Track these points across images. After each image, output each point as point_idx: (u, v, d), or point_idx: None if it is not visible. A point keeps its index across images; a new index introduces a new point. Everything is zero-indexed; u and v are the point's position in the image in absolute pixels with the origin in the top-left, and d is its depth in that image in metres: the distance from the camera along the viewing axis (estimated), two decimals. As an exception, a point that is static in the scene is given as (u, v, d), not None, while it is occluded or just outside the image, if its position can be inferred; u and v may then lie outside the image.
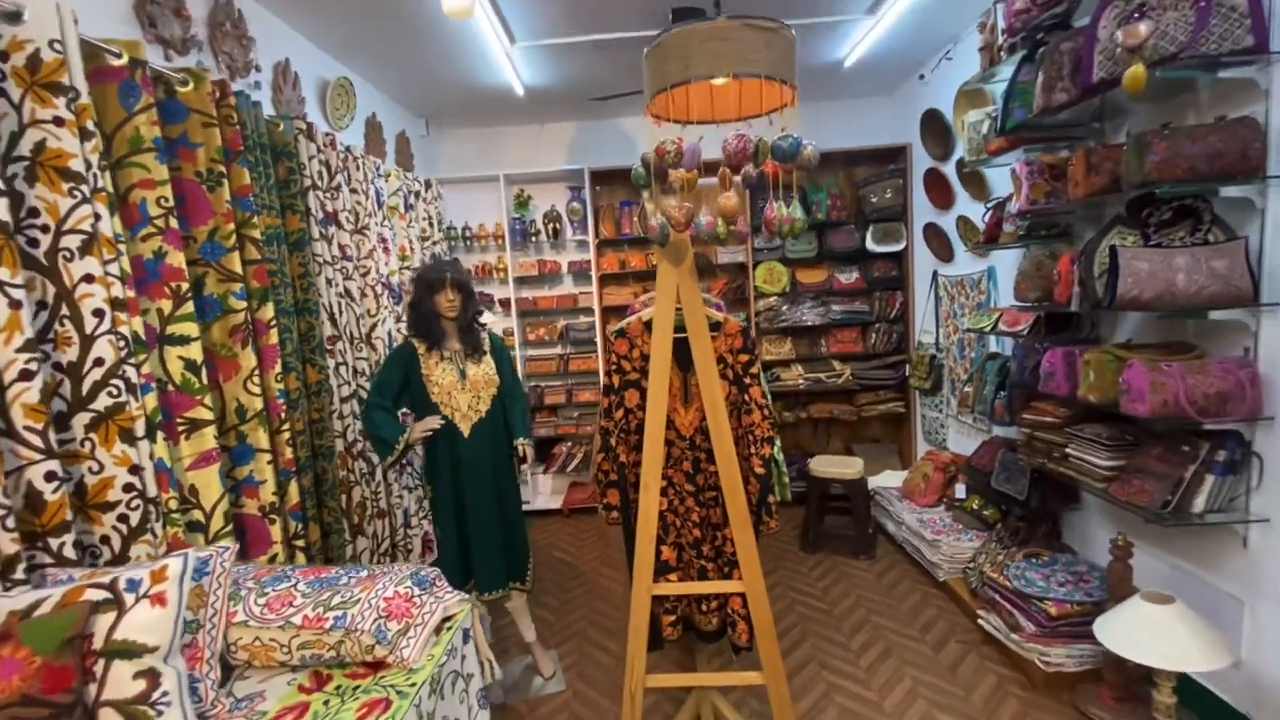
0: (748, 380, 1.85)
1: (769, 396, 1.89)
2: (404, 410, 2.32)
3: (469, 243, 4.25)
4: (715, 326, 1.88)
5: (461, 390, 2.21)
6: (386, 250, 3.13)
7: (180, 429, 1.81)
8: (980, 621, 2.57)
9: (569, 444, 4.32)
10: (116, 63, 1.69)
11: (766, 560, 3.48)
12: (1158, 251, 1.76)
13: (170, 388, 1.79)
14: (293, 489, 2.16)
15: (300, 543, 2.20)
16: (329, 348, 2.53)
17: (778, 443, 1.90)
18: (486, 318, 3.21)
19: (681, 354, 1.84)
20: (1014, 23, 2.21)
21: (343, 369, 2.62)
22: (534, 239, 4.24)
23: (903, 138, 3.98)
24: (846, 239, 4.16)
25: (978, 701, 2.23)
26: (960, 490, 3.37)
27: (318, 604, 1.37)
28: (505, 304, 4.26)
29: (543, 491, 4.47)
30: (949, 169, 3.42)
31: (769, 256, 4.20)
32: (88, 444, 1.49)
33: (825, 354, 4.26)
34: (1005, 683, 2.32)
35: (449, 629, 1.48)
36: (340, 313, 2.65)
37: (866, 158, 4.21)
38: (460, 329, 2.25)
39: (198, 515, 1.84)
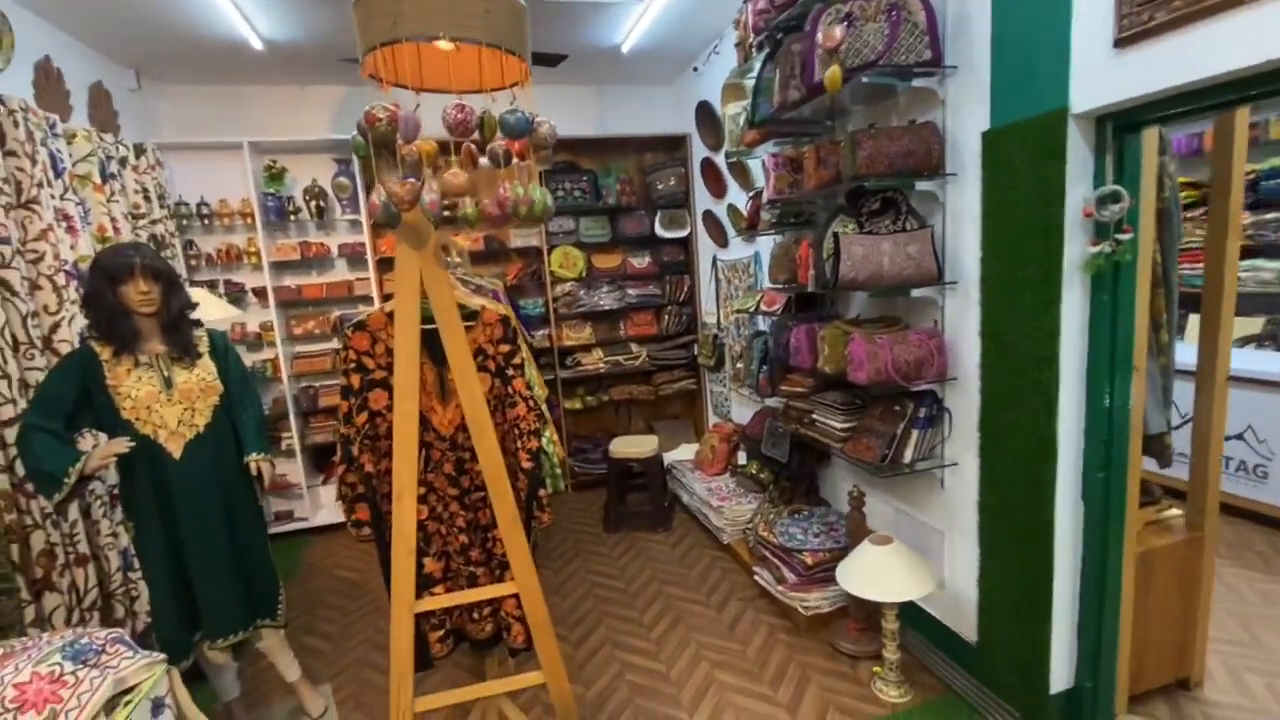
0: (510, 372, 1.76)
1: (535, 387, 1.81)
2: (89, 431, 1.87)
3: (207, 221, 3.58)
4: (471, 315, 1.76)
5: (167, 403, 1.82)
6: (73, 230, 2.49)
7: None
8: (755, 577, 2.79)
9: (353, 448, 3.90)
10: None
11: (568, 546, 3.47)
12: (869, 238, 1.99)
13: None
14: (-87, 549, 1.63)
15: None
16: None
17: (546, 433, 1.84)
18: (217, 311, 2.72)
19: (434, 346, 1.68)
20: (757, 21, 2.36)
21: (1, 384, 2.03)
22: (294, 218, 3.71)
23: (683, 127, 4.15)
24: (638, 224, 4.25)
25: (752, 654, 2.42)
26: (742, 457, 3.65)
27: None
28: (260, 293, 3.68)
29: (324, 504, 4.00)
30: (720, 159, 3.63)
31: (564, 240, 4.15)
32: None
33: (624, 337, 4.34)
34: (775, 631, 2.55)
35: (129, 703, 1.20)
36: (-7, 311, 2.05)
37: (655, 145, 4.33)
38: (163, 327, 1.85)
39: None
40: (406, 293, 1.58)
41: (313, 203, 3.71)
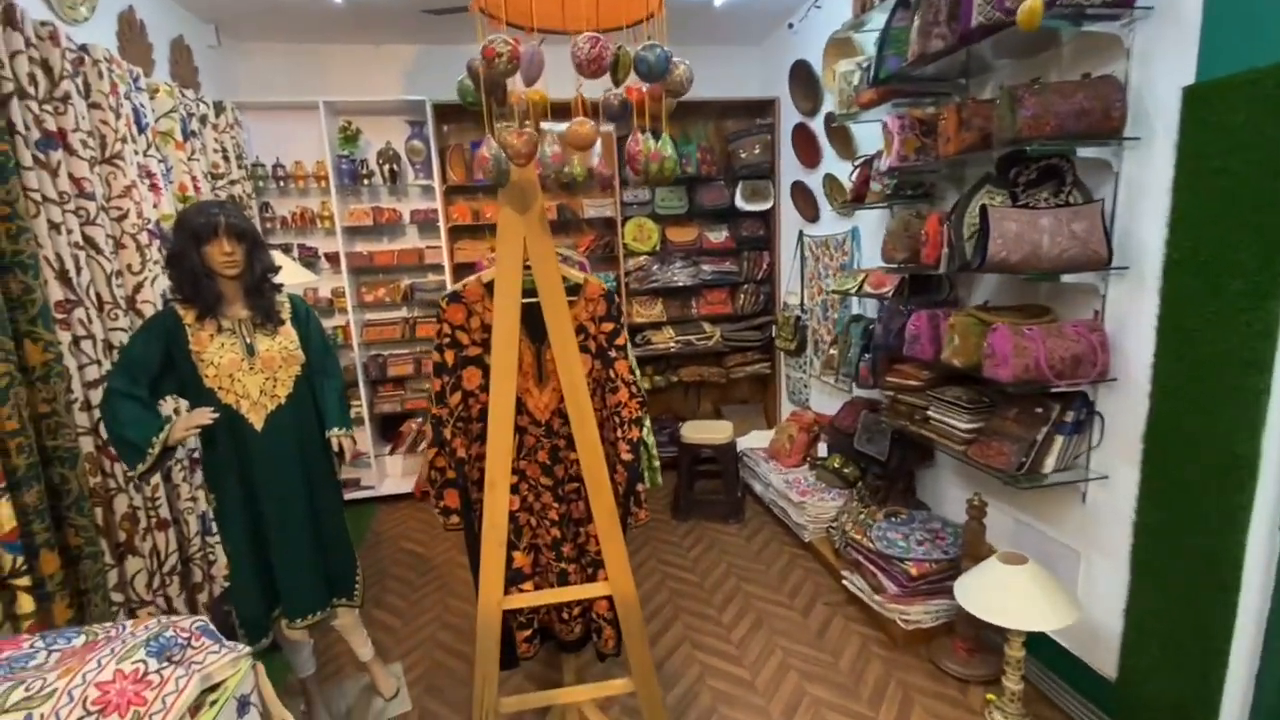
0: (613, 354, 1.58)
1: (637, 371, 1.64)
2: (172, 397, 1.80)
3: (283, 183, 3.53)
4: (574, 289, 1.58)
5: (249, 372, 1.73)
6: (155, 188, 2.44)
7: None
8: (845, 582, 2.59)
9: (419, 420, 3.85)
10: None
11: (637, 533, 3.33)
12: (1025, 212, 1.72)
13: None
14: (2, 511, 1.59)
15: (23, 580, 1.64)
16: (60, 316, 1.90)
17: (647, 423, 1.67)
18: (295, 276, 2.64)
19: (533, 323, 1.52)
20: (890, -38, 2.06)
21: (87, 344, 1.99)
22: (367, 182, 3.62)
23: (772, 90, 3.84)
24: (717, 195, 4.00)
25: (845, 667, 2.23)
26: (823, 450, 3.42)
27: (-13, 704, 0.92)
28: (333, 259, 3.62)
29: (390, 474, 3.98)
30: (816, 124, 3.33)
31: (639, 212, 3.93)
32: None
33: (696, 316, 4.12)
34: (869, 643, 2.35)
35: (215, 702, 1.10)
36: (79, 269, 2.00)
37: (737, 110, 4.05)
38: (246, 291, 1.75)
39: None
40: (509, 262, 1.42)
41: (386, 166, 3.60)
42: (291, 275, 2.63)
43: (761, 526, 3.35)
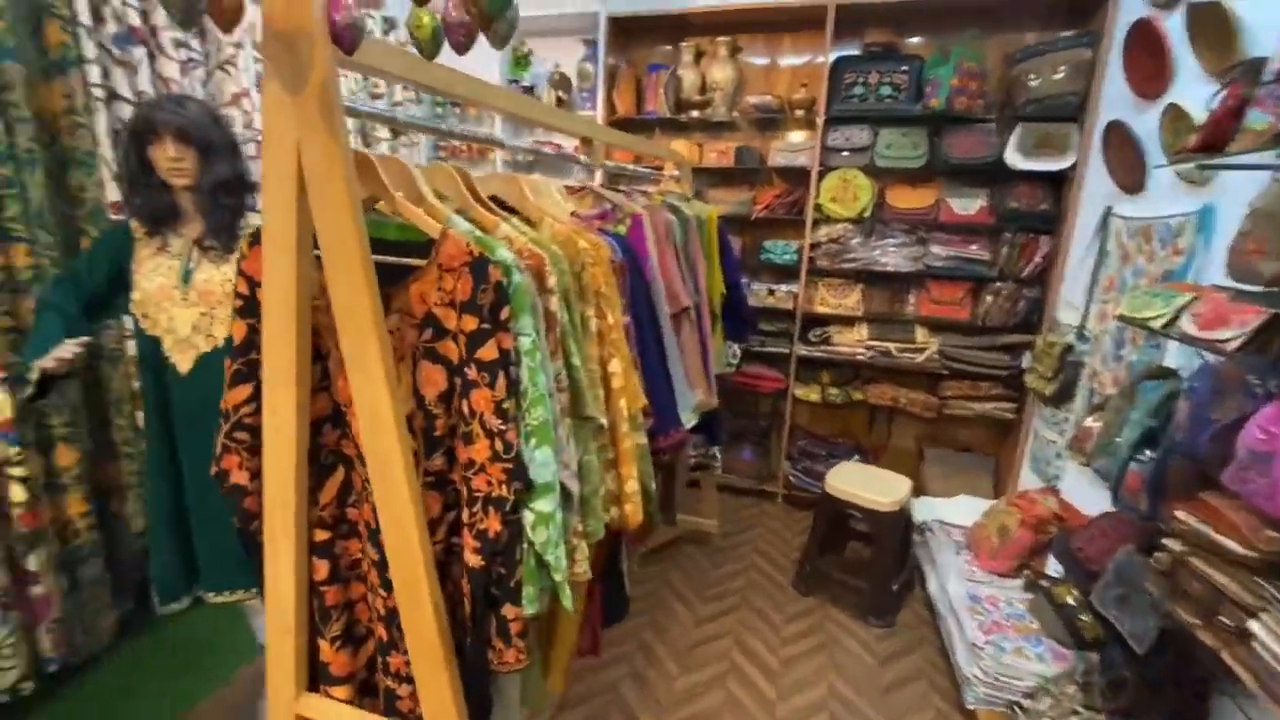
0: (471, 373, 0.87)
1: (521, 404, 0.90)
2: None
3: (459, 110, 3.37)
4: (420, 247, 0.90)
5: (181, 303, 1.45)
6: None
7: None
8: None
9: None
10: None
11: (738, 580, 2.53)
12: None
13: None
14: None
15: (19, 469, 1.67)
16: (115, 217, 1.88)
17: (541, 504, 0.92)
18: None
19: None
20: None
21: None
22: (533, 111, 3.25)
23: (1108, -27, 2.35)
24: (976, 144, 2.68)
25: None
26: (1052, 565, 2.12)
27: None
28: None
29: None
30: (1173, 20, 1.87)
31: (849, 161, 2.86)
32: None
33: (908, 315, 2.93)
34: None
35: None
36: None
37: (1035, 10, 2.63)
38: (200, 208, 1.46)
39: None
40: (275, 184, 0.81)
41: (555, 93, 3.19)
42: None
43: (914, 646, 2.24)
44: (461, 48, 0.88)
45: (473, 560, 0.90)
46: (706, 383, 1.86)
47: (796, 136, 3.01)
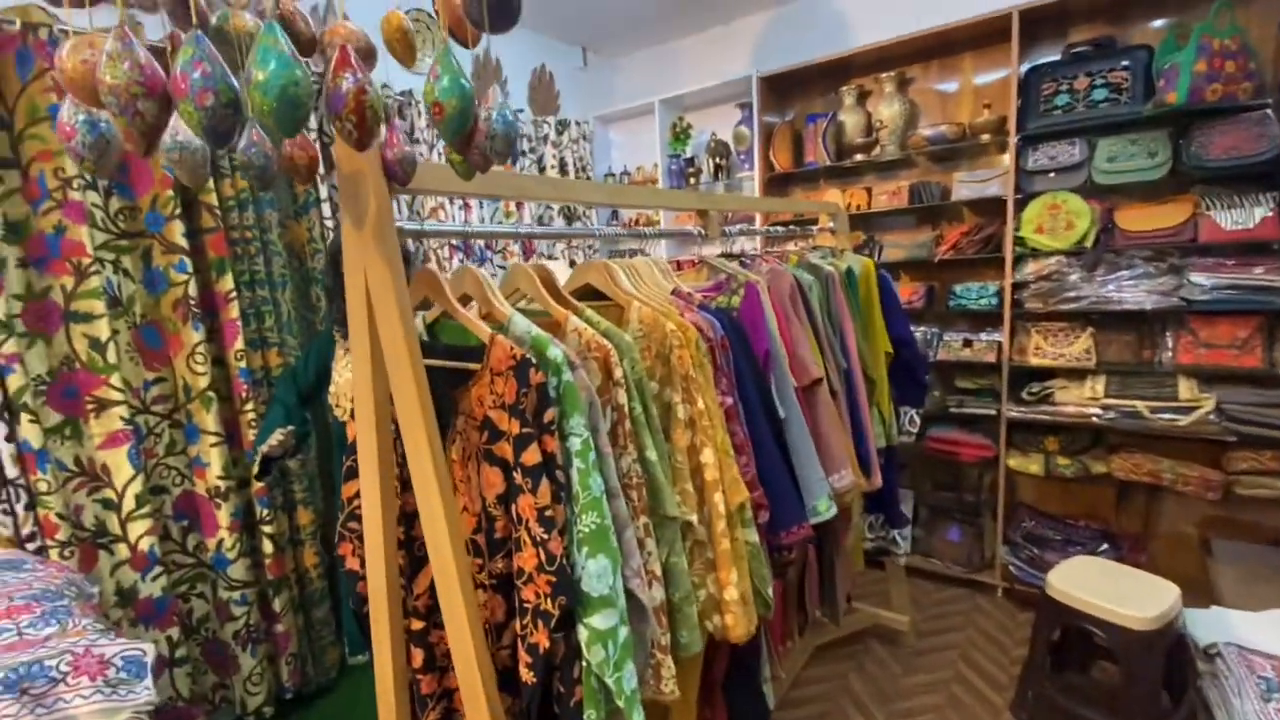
0: (518, 476, 0.86)
1: (575, 508, 0.86)
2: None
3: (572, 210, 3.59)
4: (473, 352, 0.92)
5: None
6: (467, 207, 2.76)
7: (89, 407, 1.79)
8: None
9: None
10: (11, 30, 1.64)
11: (928, 704, 2.10)
12: None
13: (77, 366, 1.77)
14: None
15: (269, 528, 2.08)
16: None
17: (596, 619, 0.86)
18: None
19: (435, 397, 0.95)
20: None
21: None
22: (693, 180, 3.32)
23: None
24: (1243, 139, 2.05)
25: None
26: None
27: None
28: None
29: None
30: None
31: (1056, 183, 2.38)
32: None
33: (1164, 364, 2.28)
34: None
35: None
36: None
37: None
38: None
39: (110, 494, 1.83)
40: (356, 311, 0.92)
41: (713, 160, 3.22)
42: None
43: (1205, 827, 1.61)
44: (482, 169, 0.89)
45: (525, 675, 0.86)
46: (858, 462, 1.62)
47: (983, 165, 2.62)
